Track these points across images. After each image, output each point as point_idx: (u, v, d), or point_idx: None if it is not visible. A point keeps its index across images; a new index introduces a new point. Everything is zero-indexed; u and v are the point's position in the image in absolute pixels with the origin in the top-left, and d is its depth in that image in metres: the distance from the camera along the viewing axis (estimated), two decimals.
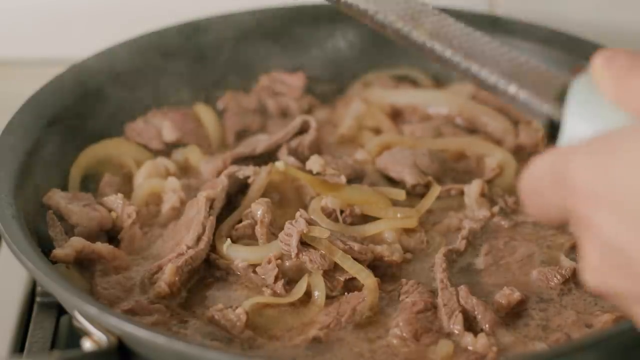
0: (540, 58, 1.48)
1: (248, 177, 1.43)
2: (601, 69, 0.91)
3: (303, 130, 1.54)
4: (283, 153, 1.51)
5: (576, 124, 0.92)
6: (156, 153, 1.57)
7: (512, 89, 0.98)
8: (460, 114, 1.62)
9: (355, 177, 1.47)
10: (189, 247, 1.33)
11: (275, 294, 1.30)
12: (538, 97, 0.96)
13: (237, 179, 1.43)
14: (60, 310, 1.37)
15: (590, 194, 0.86)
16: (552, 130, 0.95)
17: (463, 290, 1.28)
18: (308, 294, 1.30)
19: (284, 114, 1.67)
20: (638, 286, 0.86)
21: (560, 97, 0.94)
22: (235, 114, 1.65)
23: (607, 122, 0.90)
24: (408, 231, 1.39)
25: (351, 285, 1.31)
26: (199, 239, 1.34)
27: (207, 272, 1.34)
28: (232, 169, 1.44)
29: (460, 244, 1.37)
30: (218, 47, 1.69)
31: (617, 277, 0.88)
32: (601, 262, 0.88)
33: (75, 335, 1.21)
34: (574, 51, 1.61)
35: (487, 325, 1.24)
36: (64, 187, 1.47)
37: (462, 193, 1.47)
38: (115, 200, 1.43)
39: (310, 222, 1.33)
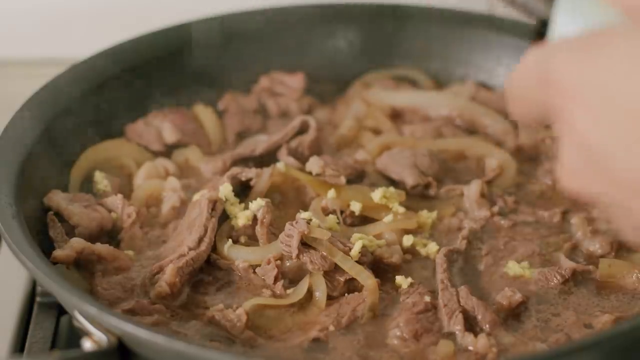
0: None
1: (250, 179, 1.43)
2: None
3: (303, 130, 1.54)
4: (283, 153, 1.51)
5: (565, 22, 0.93)
6: (157, 154, 1.57)
7: None
8: (460, 115, 1.62)
9: (356, 178, 1.47)
10: (190, 249, 1.33)
11: (274, 294, 1.30)
12: None
13: (239, 181, 1.43)
14: (60, 310, 1.37)
15: (569, 89, 0.85)
16: (543, 30, 0.97)
17: (463, 290, 1.28)
18: (308, 295, 1.30)
19: (284, 115, 1.67)
20: (611, 186, 0.85)
21: None
22: (235, 114, 1.65)
23: (595, 20, 0.90)
24: (408, 232, 1.39)
25: (352, 285, 1.31)
26: (200, 240, 1.34)
27: (207, 272, 1.34)
28: (235, 170, 1.44)
29: (460, 244, 1.38)
30: (218, 48, 1.69)
31: (592, 177, 0.86)
32: (577, 161, 0.87)
33: (75, 335, 1.21)
34: None
35: (487, 326, 1.24)
36: (65, 188, 1.47)
37: (462, 193, 1.47)
38: (115, 200, 1.43)
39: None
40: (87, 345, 1.16)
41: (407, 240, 1.38)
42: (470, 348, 1.22)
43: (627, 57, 0.82)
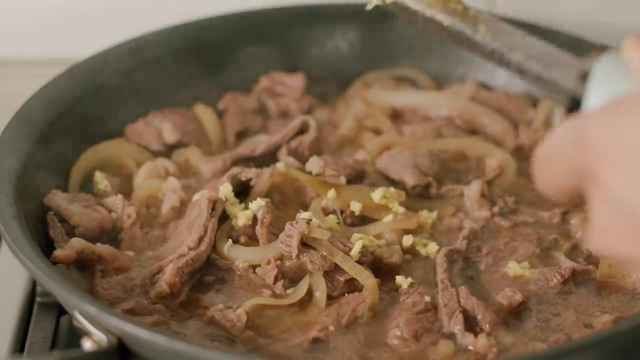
0: None
1: (250, 179, 1.43)
2: (631, 45, 0.95)
3: (303, 130, 1.54)
4: (283, 153, 1.51)
5: (598, 97, 0.97)
6: (157, 154, 1.57)
7: (540, 69, 1.07)
8: (461, 115, 1.62)
9: (356, 178, 1.47)
10: (190, 249, 1.33)
11: (274, 294, 1.30)
12: (563, 76, 1.04)
13: (239, 181, 1.43)
14: (60, 310, 1.37)
15: (605, 153, 0.88)
16: (575, 108, 1.01)
17: (463, 290, 1.28)
18: (308, 295, 1.30)
19: (284, 115, 1.67)
20: None
21: (583, 76, 1.00)
22: (235, 114, 1.65)
23: (628, 91, 0.94)
24: (408, 232, 1.39)
25: (352, 285, 1.31)
26: (200, 240, 1.34)
27: (207, 272, 1.34)
28: (235, 170, 1.44)
29: (460, 244, 1.38)
30: (218, 48, 1.69)
31: (623, 238, 0.88)
32: (609, 223, 0.89)
33: (75, 335, 1.21)
34: (573, 51, 1.61)
35: (487, 326, 1.24)
36: (65, 188, 1.47)
37: (462, 194, 1.47)
38: (115, 201, 1.43)
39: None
40: (87, 345, 1.16)
41: (407, 240, 1.38)
42: (470, 348, 1.22)
43: None
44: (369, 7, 1.20)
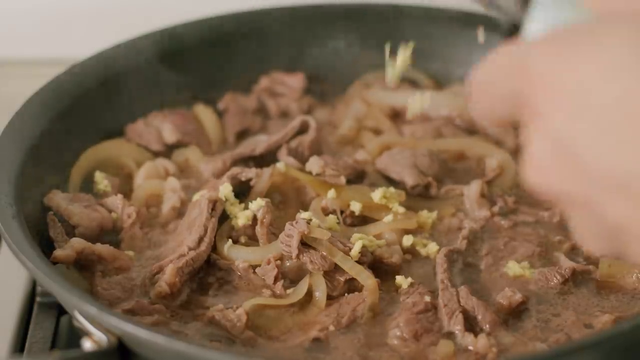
0: None
1: (250, 179, 1.43)
2: None
3: (302, 130, 1.54)
4: (283, 153, 1.51)
5: (540, 20, 0.94)
6: (157, 154, 1.57)
7: None
8: (460, 115, 1.62)
9: (356, 178, 1.47)
10: (190, 249, 1.33)
11: (274, 294, 1.30)
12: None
13: (239, 181, 1.43)
14: (60, 310, 1.37)
15: (546, 84, 0.84)
16: (514, 31, 0.98)
17: (463, 290, 1.28)
18: (308, 295, 1.30)
19: (284, 115, 1.67)
20: (583, 184, 0.83)
21: (526, 1, 0.97)
22: (235, 114, 1.65)
23: (571, 20, 0.90)
24: (408, 232, 1.39)
25: (352, 285, 1.31)
26: (200, 240, 1.34)
27: (208, 272, 1.34)
28: (235, 170, 1.44)
29: (460, 244, 1.38)
30: (218, 48, 1.69)
31: (562, 173, 0.85)
32: (546, 157, 0.85)
33: (75, 335, 1.21)
34: None
35: (487, 326, 1.24)
36: (65, 188, 1.47)
37: (462, 194, 1.47)
38: (115, 200, 1.43)
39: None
40: (87, 345, 1.16)
41: (407, 240, 1.38)
42: (470, 348, 1.22)
43: (603, 52, 0.81)
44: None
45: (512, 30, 0.98)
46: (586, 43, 0.83)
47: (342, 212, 1.41)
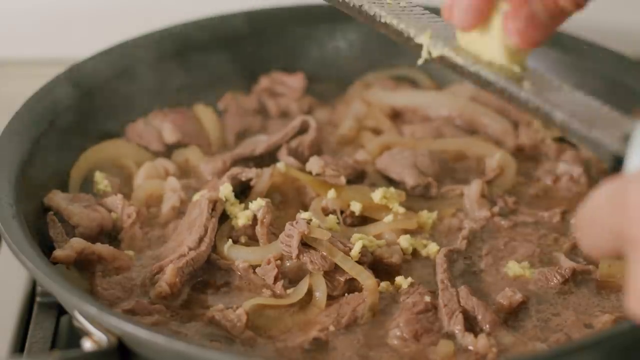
0: (540, 58, 1.49)
1: (250, 179, 1.43)
2: None
3: (302, 130, 1.54)
4: (283, 153, 1.51)
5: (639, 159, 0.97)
6: (157, 154, 1.57)
7: (583, 129, 1.05)
8: (460, 115, 1.62)
9: (356, 178, 1.47)
10: (190, 249, 1.33)
11: (274, 294, 1.30)
12: (606, 136, 1.02)
13: (239, 181, 1.43)
14: (60, 310, 1.37)
15: None
16: (617, 167, 0.99)
17: (463, 290, 1.28)
18: (308, 295, 1.30)
19: (284, 115, 1.67)
20: None
21: (626, 137, 0.99)
22: (235, 114, 1.65)
23: None
24: (408, 232, 1.39)
25: (352, 285, 1.31)
26: (200, 240, 1.34)
27: (208, 272, 1.34)
28: (235, 170, 1.44)
29: (460, 244, 1.37)
30: (218, 48, 1.69)
31: None
32: None
33: (75, 335, 1.21)
34: (573, 51, 1.61)
35: (487, 326, 1.24)
36: (65, 188, 1.47)
37: (462, 194, 1.47)
38: (115, 200, 1.43)
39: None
40: (87, 345, 1.16)
41: (407, 240, 1.38)
42: (470, 348, 1.22)
43: None
44: (420, 62, 1.19)
45: (616, 165, 1.00)
46: None
47: (342, 212, 1.41)
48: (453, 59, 1.16)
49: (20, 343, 1.35)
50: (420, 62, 1.19)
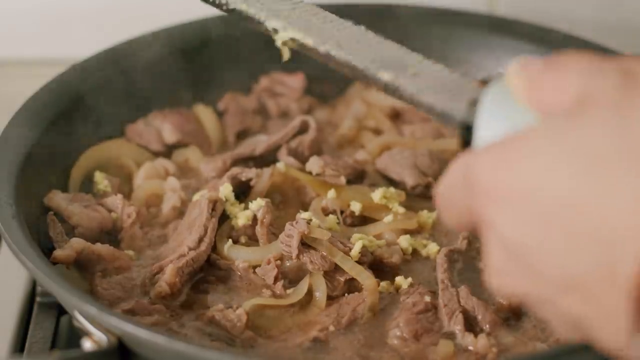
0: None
1: (251, 179, 1.43)
2: (515, 72, 0.92)
3: (302, 130, 1.54)
4: (283, 153, 1.51)
5: (488, 127, 0.93)
6: (157, 154, 1.57)
7: (429, 99, 1.02)
8: None
9: (356, 178, 1.47)
10: (190, 249, 1.33)
11: (274, 294, 1.30)
12: (452, 105, 0.99)
13: (239, 181, 1.43)
14: (60, 310, 1.36)
15: (490, 193, 0.86)
16: (468, 136, 0.96)
17: (464, 290, 1.28)
18: (308, 295, 1.30)
19: (284, 115, 1.67)
20: (539, 285, 0.85)
21: (473, 103, 0.96)
22: (235, 114, 1.65)
23: (517, 123, 0.91)
24: (408, 232, 1.39)
25: (352, 285, 1.31)
26: (200, 240, 1.34)
27: (208, 272, 1.34)
28: (235, 170, 1.44)
29: (461, 244, 1.37)
30: (218, 48, 1.69)
31: (518, 277, 0.87)
32: (502, 263, 0.87)
33: (75, 335, 1.21)
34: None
35: (487, 326, 1.24)
36: (65, 188, 1.47)
37: None
38: (115, 200, 1.43)
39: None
40: (87, 345, 1.16)
41: (407, 240, 1.38)
42: (471, 348, 1.22)
43: (541, 154, 0.83)
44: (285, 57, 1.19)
45: (466, 134, 0.96)
46: (524, 147, 0.85)
47: (342, 212, 1.41)
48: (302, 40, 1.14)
49: (20, 343, 1.35)
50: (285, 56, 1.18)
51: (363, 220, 1.41)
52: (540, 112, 0.90)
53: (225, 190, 1.40)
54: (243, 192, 1.43)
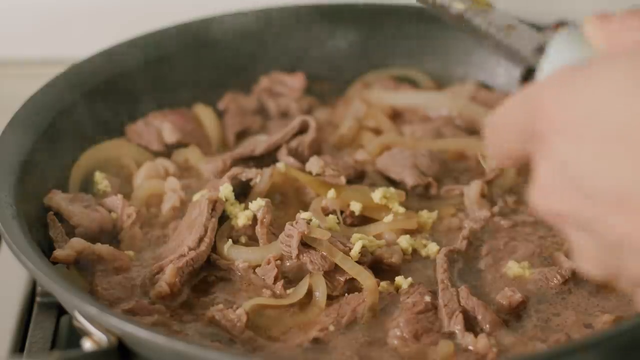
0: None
1: (251, 179, 1.43)
2: (594, 23, 0.99)
3: (302, 130, 1.54)
4: (283, 153, 1.51)
5: (553, 64, 1.00)
6: (157, 154, 1.57)
7: (500, 36, 1.09)
8: (460, 115, 1.63)
9: (356, 178, 1.47)
10: (190, 249, 1.33)
11: (274, 294, 1.30)
12: (522, 45, 1.06)
13: (239, 181, 1.43)
14: (60, 310, 1.37)
15: (553, 114, 0.90)
16: (530, 77, 1.04)
17: (464, 290, 1.28)
18: (308, 295, 1.30)
19: (284, 115, 1.67)
20: (587, 204, 0.89)
21: (540, 48, 1.03)
22: (235, 114, 1.65)
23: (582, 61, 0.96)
24: (408, 232, 1.39)
25: (352, 285, 1.31)
26: (200, 240, 1.34)
27: (208, 272, 1.34)
28: (235, 170, 1.44)
29: (461, 244, 1.37)
30: (218, 48, 1.69)
31: (563, 195, 0.91)
32: (550, 180, 0.92)
33: (75, 335, 1.21)
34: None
35: (487, 326, 1.24)
36: (65, 188, 1.47)
37: (462, 194, 1.47)
38: (115, 201, 1.43)
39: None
40: (87, 345, 1.16)
41: (407, 240, 1.38)
42: (471, 348, 1.22)
43: (609, 80, 0.88)
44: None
45: (528, 75, 1.04)
46: (589, 75, 0.89)
47: (342, 212, 1.41)
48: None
49: (20, 343, 1.35)
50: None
51: (363, 220, 1.41)
52: (608, 47, 0.96)
53: (225, 190, 1.40)
54: (243, 192, 1.43)
